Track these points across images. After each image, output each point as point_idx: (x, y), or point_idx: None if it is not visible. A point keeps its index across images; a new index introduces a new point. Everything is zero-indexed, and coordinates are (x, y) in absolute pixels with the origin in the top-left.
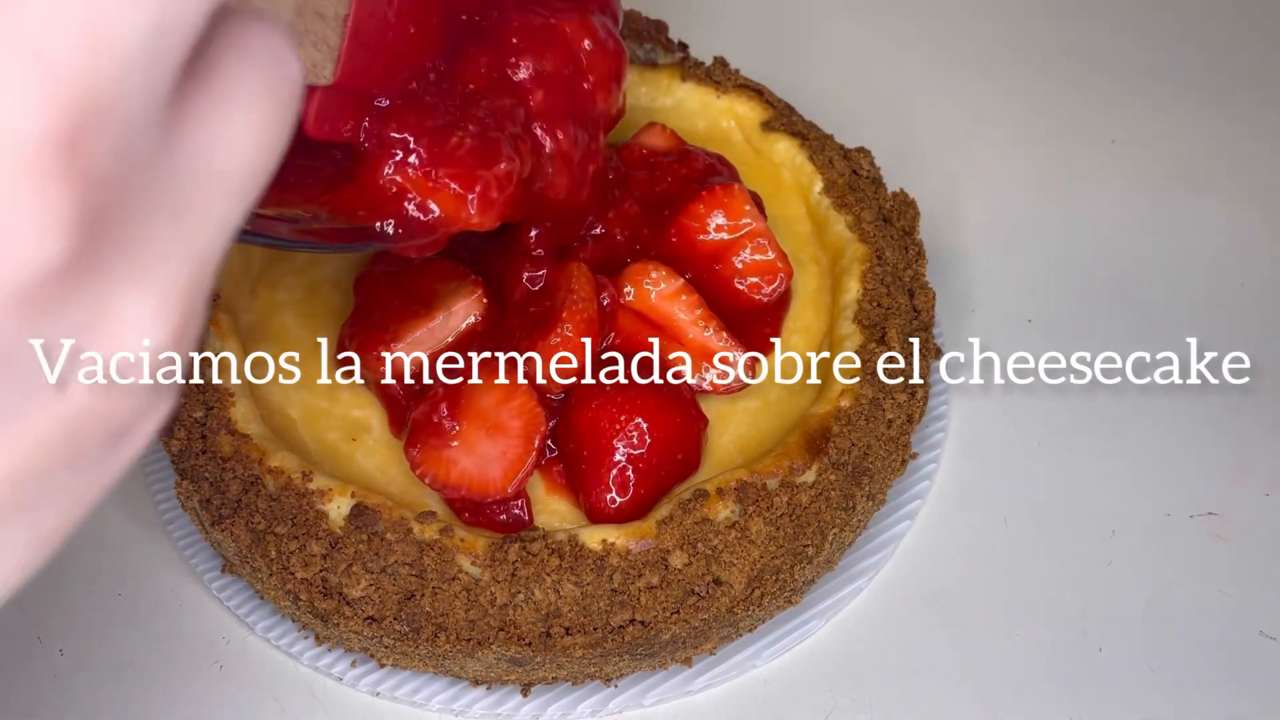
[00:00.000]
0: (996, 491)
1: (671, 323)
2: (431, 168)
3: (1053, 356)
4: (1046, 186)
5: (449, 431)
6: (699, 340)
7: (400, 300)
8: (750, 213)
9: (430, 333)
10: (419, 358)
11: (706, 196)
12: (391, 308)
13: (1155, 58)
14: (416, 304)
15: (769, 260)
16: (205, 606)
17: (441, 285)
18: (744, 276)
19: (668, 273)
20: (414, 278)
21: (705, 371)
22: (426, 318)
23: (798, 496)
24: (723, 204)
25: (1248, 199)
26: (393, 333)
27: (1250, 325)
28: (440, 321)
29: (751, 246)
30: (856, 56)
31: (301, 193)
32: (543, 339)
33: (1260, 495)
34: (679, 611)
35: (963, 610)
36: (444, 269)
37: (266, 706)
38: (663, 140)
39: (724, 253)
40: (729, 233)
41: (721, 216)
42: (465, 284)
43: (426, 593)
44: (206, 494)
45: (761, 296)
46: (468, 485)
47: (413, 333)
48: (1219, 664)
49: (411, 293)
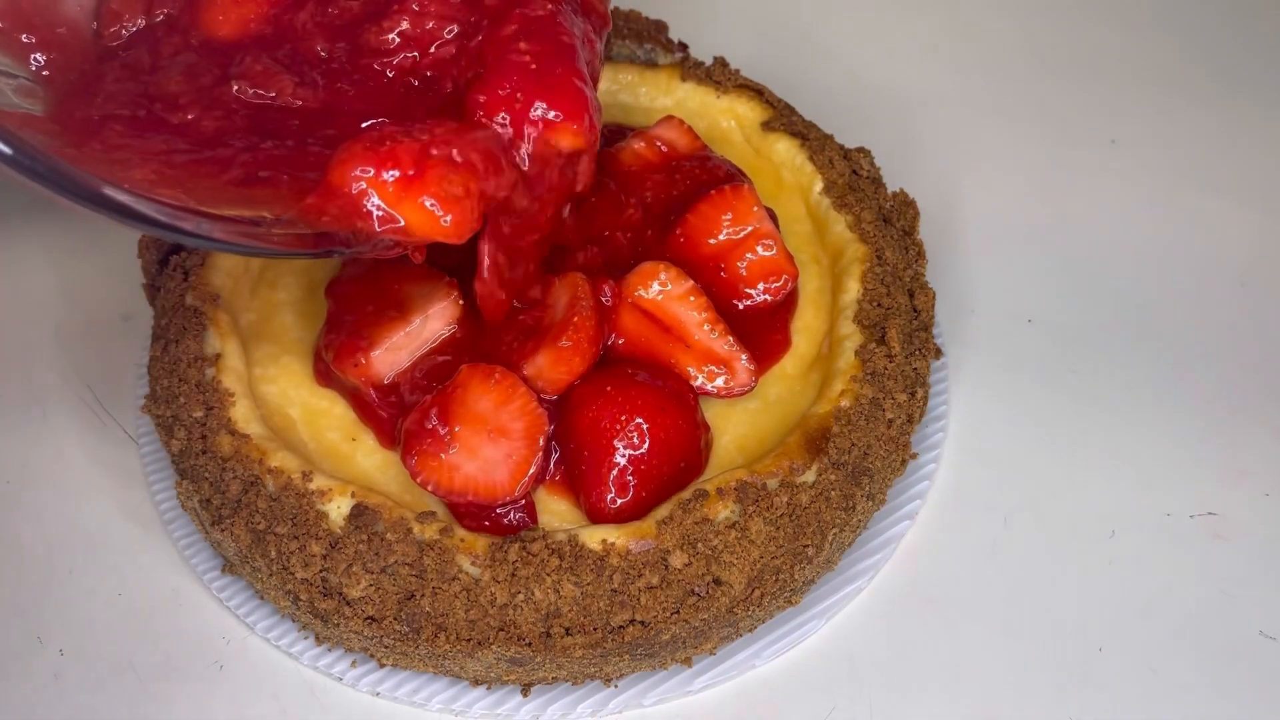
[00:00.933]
0: (996, 491)
1: (678, 324)
2: (405, 181)
3: (1053, 356)
4: (1046, 186)
5: (444, 437)
6: (705, 343)
7: (374, 305)
8: (758, 214)
9: (408, 337)
10: (398, 363)
11: (715, 196)
12: (365, 314)
13: (1155, 58)
14: (391, 308)
15: (776, 260)
16: (205, 606)
17: (415, 288)
18: (751, 278)
19: (677, 274)
20: (387, 281)
21: (710, 375)
22: (402, 322)
23: (798, 496)
24: (732, 205)
25: (1248, 199)
26: (368, 339)
27: (1250, 325)
28: (418, 325)
29: (760, 246)
30: (856, 56)
31: (272, 191)
32: (548, 344)
33: (1260, 495)
34: (679, 611)
35: (963, 610)
36: (417, 271)
37: (266, 706)
38: (680, 136)
39: (730, 253)
40: (737, 233)
41: (730, 216)
42: (440, 285)
43: (426, 593)
44: (206, 494)
45: (768, 297)
46: (474, 490)
47: (389, 338)
48: (1219, 664)
49: (385, 297)
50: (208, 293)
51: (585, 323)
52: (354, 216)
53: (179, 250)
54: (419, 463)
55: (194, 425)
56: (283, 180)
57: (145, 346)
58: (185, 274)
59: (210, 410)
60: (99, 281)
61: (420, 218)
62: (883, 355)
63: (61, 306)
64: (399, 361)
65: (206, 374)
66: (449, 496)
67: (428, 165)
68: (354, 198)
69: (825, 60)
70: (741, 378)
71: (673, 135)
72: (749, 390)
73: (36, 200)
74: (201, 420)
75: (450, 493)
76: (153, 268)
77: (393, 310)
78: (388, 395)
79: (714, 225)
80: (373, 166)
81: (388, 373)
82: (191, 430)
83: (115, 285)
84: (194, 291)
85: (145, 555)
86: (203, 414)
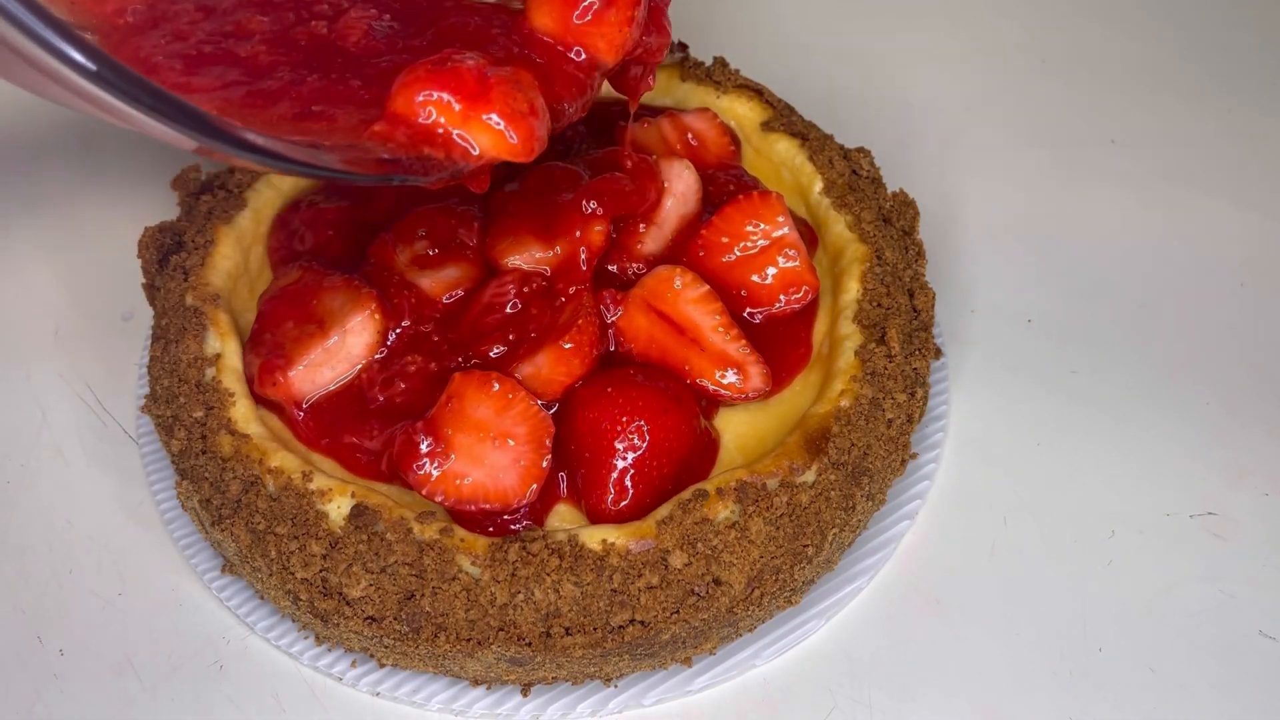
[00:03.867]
0: (996, 491)
1: (693, 326)
2: (470, 100)
3: (1053, 356)
4: (1046, 186)
5: (438, 451)
6: (719, 346)
7: (293, 320)
8: (785, 221)
9: (327, 353)
10: (320, 381)
11: (743, 202)
12: (284, 330)
13: (1155, 58)
14: (309, 322)
15: (798, 271)
16: (205, 606)
17: (332, 301)
18: (772, 287)
19: (693, 278)
20: (307, 296)
21: (723, 378)
22: (320, 337)
23: (798, 496)
24: (759, 211)
25: (1248, 199)
26: (286, 357)
27: (1250, 325)
28: (335, 341)
29: (782, 256)
30: (856, 56)
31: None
32: (550, 344)
33: (1260, 495)
34: (679, 611)
35: (963, 610)
36: (337, 284)
37: (266, 706)
38: (709, 129)
39: (753, 261)
40: (761, 239)
41: (756, 222)
42: (358, 297)
43: (426, 593)
44: (206, 494)
45: (789, 307)
46: (484, 497)
47: (307, 354)
48: (1219, 664)
49: (305, 312)
50: (208, 293)
51: (589, 325)
52: (421, 141)
53: (179, 250)
54: (419, 477)
55: (194, 425)
56: (336, 114)
57: (145, 346)
58: (185, 274)
59: (210, 410)
60: (99, 281)
61: (488, 138)
62: (883, 355)
63: (61, 306)
64: (320, 379)
65: (206, 374)
66: (458, 506)
67: (491, 83)
68: (420, 122)
69: (825, 60)
70: (755, 381)
71: (702, 126)
72: (763, 395)
73: (36, 200)
74: (201, 420)
75: (460, 502)
76: (153, 268)
77: (312, 325)
78: (315, 417)
79: (737, 230)
80: (436, 89)
81: (311, 391)
82: (192, 430)
83: (115, 285)
84: (194, 291)
85: (145, 555)
86: (203, 414)
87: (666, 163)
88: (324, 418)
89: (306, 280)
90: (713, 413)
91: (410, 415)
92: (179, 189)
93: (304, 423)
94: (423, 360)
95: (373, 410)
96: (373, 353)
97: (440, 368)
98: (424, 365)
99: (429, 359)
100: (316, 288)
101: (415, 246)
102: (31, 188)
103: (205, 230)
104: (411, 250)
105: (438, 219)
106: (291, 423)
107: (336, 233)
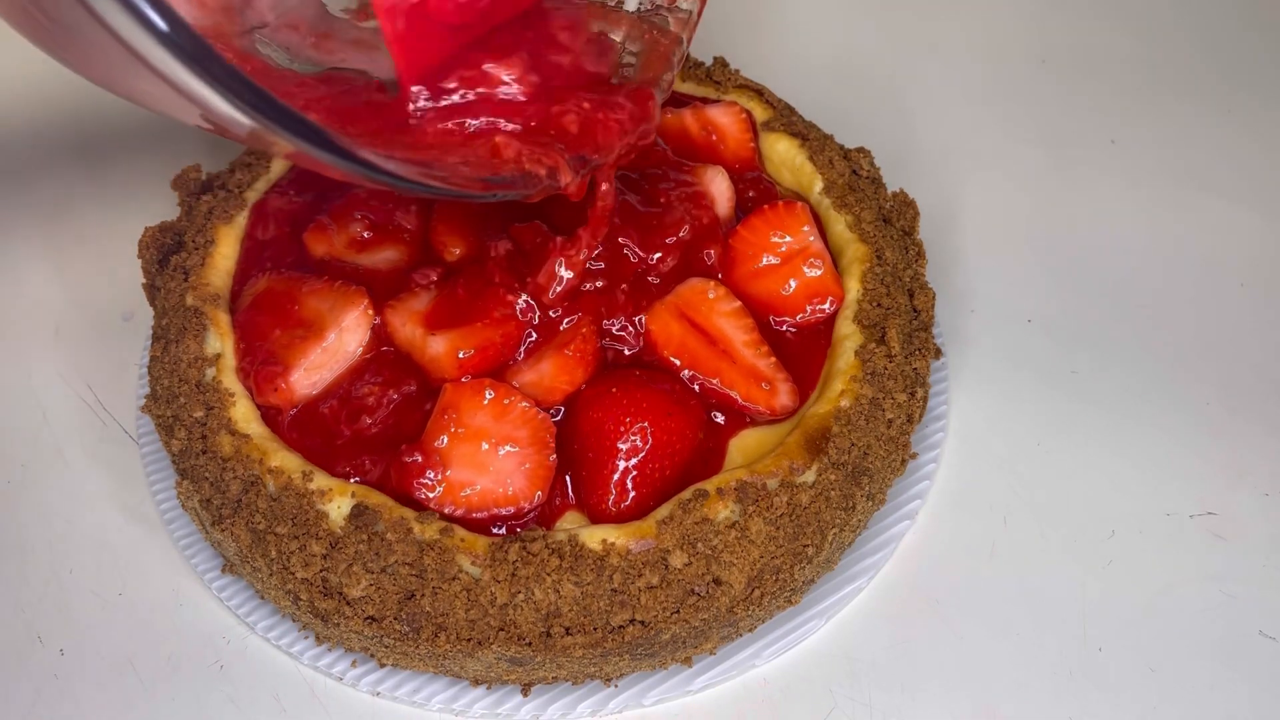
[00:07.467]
0: (996, 491)
1: (725, 338)
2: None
3: (1053, 356)
4: (1046, 186)
5: (436, 462)
6: (749, 360)
7: (279, 328)
8: (810, 231)
9: (326, 353)
10: (320, 382)
11: (768, 211)
12: (273, 338)
13: (1155, 58)
14: (296, 327)
15: (822, 280)
16: (205, 606)
17: (319, 303)
18: (796, 297)
19: (725, 292)
20: (287, 301)
21: (754, 392)
22: (317, 338)
23: (798, 496)
24: (784, 221)
25: (1247, 199)
26: (283, 363)
27: (1250, 325)
28: (333, 340)
29: (808, 265)
30: (856, 56)
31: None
32: (554, 351)
33: (1260, 495)
34: (679, 611)
35: (963, 610)
36: (318, 287)
37: (266, 706)
38: (732, 123)
39: (778, 270)
40: (788, 249)
41: (781, 233)
42: (347, 294)
43: (426, 593)
44: (207, 494)
45: (813, 316)
46: (494, 502)
47: (305, 358)
48: (1219, 664)
49: (288, 320)
50: (208, 293)
51: (592, 334)
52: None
53: (179, 250)
54: (423, 490)
55: (194, 425)
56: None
57: (145, 346)
58: (185, 274)
59: (210, 410)
60: (99, 281)
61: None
62: (883, 355)
63: (61, 306)
64: (320, 380)
65: (207, 374)
66: (470, 513)
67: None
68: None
69: (825, 60)
70: (783, 399)
71: (725, 121)
72: (791, 414)
73: (36, 200)
74: (202, 420)
75: (470, 509)
76: (153, 268)
77: (300, 330)
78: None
79: (764, 239)
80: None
81: (310, 392)
82: (192, 430)
83: (115, 285)
84: (194, 291)
85: (145, 555)
86: (203, 414)
87: (700, 169)
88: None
89: (277, 287)
90: (736, 430)
91: (387, 443)
92: (179, 189)
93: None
94: (380, 389)
95: (342, 444)
96: (365, 349)
97: (402, 394)
98: (382, 392)
99: (386, 388)
100: (295, 292)
101: (351, 229)
102: (31, 188)
103: (205, 230)
104: (348, 234)
105: (372, 203)
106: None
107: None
